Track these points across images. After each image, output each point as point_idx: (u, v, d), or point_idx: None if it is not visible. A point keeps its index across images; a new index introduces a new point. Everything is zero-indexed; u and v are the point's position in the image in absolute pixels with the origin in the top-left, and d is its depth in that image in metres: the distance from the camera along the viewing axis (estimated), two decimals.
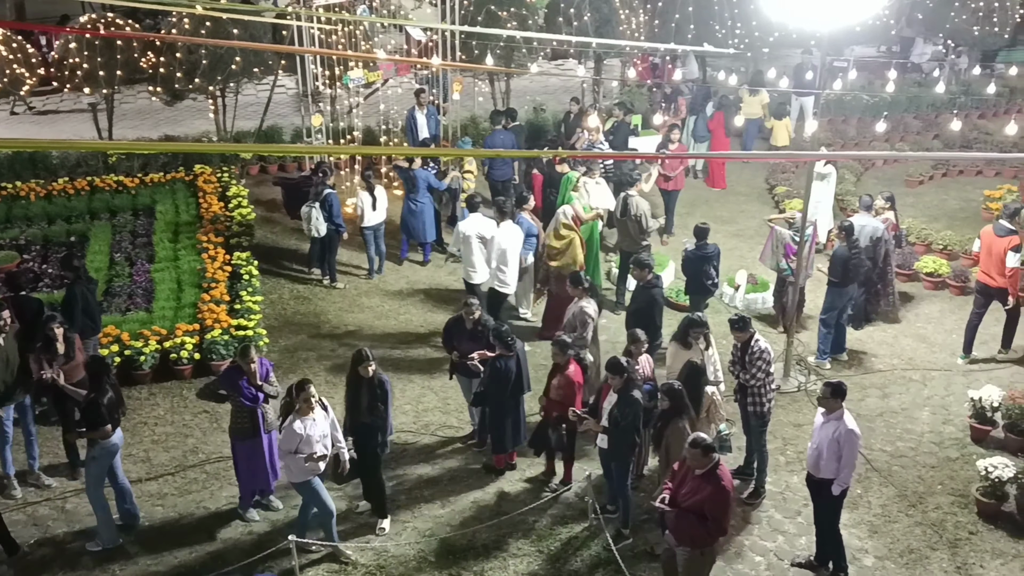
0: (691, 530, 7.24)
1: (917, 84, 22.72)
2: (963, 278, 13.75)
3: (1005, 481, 9.00)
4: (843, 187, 16.85)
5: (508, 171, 15.75)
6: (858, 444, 8.03)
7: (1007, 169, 18.64)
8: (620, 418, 8.37)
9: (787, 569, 8.47)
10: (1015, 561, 8.53)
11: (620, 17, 19.52)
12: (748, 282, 13.65)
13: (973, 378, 11.42)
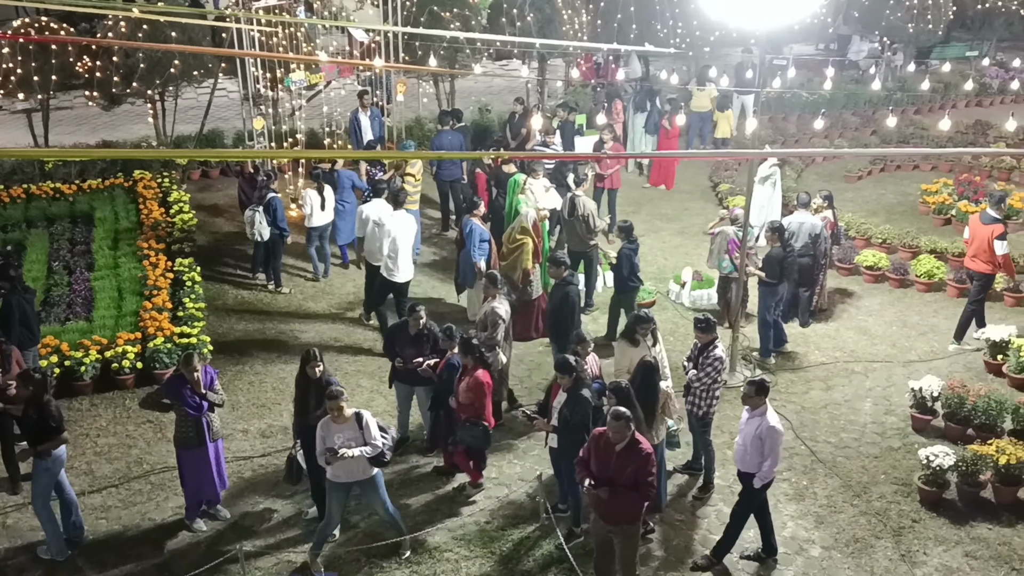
0: (628, 506, 7.43)
1: (854, 81, 23.17)
2: (902, 271, 14.04)
3: (946, 469, 9.18)
4: (784, 184, 17.07)
5: (456, 171, 15.72)
6: (780, 440, 8.15)
7: (943, 163, 19.07)
8: (570, 417, 8.39)
9: (736, 561, 8.56)
10: (957, 547, 8.72)
11: (563, 17, 19.62)
12: (693, 279, 13.78)
13: (913, 369, 11.66)
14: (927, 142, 19.43)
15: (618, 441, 7.36)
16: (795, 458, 10.07)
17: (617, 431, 7.33)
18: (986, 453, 9.23)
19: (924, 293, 13.85)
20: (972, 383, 10.64)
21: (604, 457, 7.45)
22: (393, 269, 12.06)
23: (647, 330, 9.44)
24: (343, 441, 7.99)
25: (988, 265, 11.97)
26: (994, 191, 14.08)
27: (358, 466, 8.15)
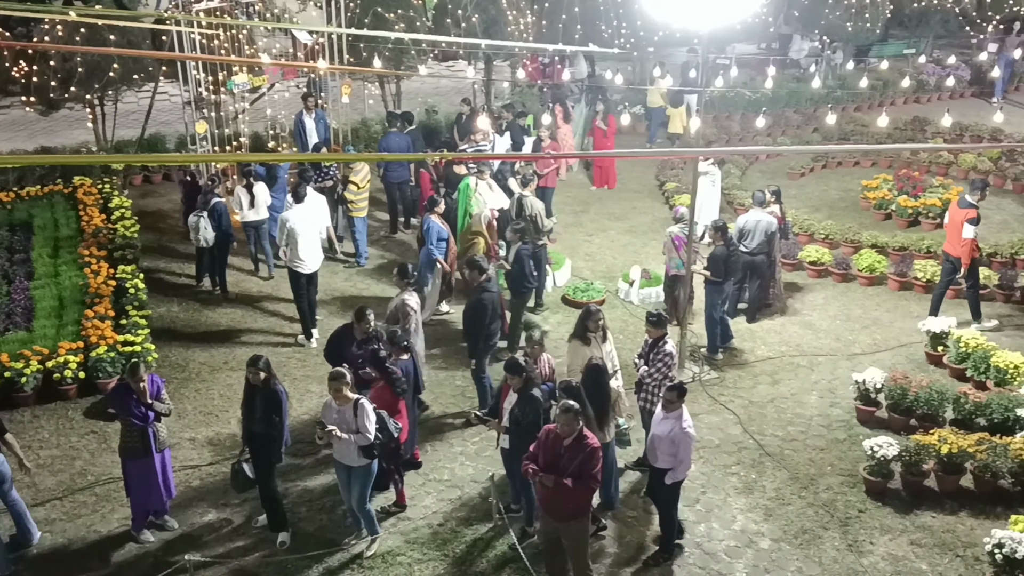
0: (575, 499, 7.48)
1: (796, 80, 23.51)
2: (844, 266, 14.29)
3: (890, 459, 9.37)
4: (729, 182, 17.32)
5: (405, 174, 15.64)
6: (692, 443, 8.24)
7: (882, 159, 19.42)
8: (521, 417, 8.40)
9: (688, 555, 8.65)
10: (902, 536, 8.90)
11: (508, 18, 19.64)
12: (642, 277, 13.89)
13: (857, 361, 11.88)
14: (867, 139, 19.80)
15: (567, 435, 7.43)
16: (744, 452, 10.20)
17: (566, 424, 7.40)
18: (929, 443, 9.43)
19: (866, 287, 14.11)
20: (914, 374, 10.89)
21: (552, 452, 7.50)
22: (301, 260, 12.05)
23: (596, 324, 9.51)
24: (337, 422, 8.11)
25: (960, 249, 12.33)
26: (975, 179, 14.38)
27: (349, 451, 8.22)
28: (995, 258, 14.36)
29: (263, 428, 8.39)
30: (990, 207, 16.89)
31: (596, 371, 8.68)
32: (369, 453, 8.29)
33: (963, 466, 9.43)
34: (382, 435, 8.36)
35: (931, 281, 13.69)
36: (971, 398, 10.22)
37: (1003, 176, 18.10)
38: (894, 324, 12.96)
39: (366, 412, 8.21)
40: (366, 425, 8.18)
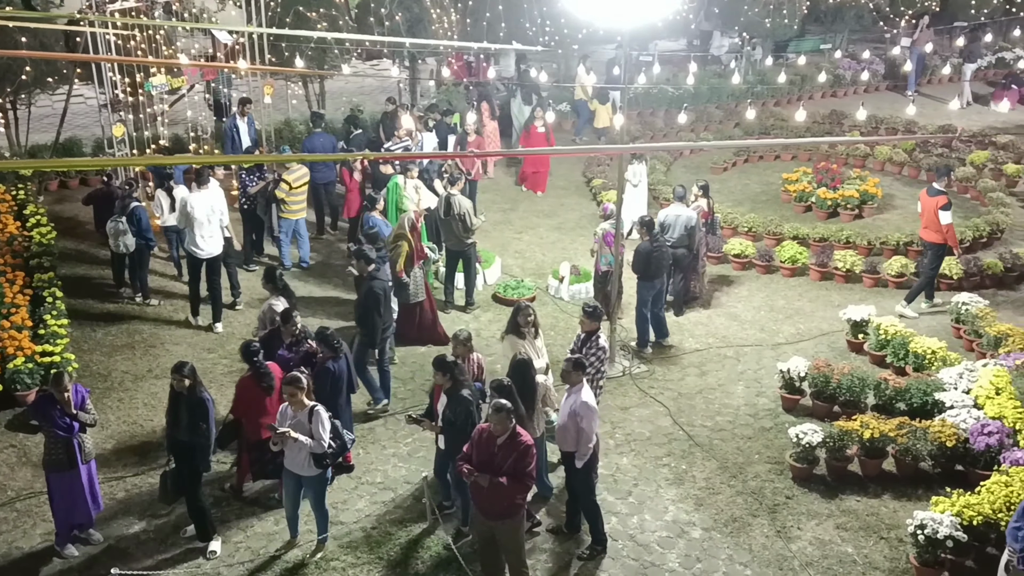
0: (510, 498, 7.51)
1: (717, 76, 23.89)
2: (767, 258, 14.58)
3: (815, 446, 9.59)
4: (654, 177, 17.52)
5: (330, 174, 15.47)
6: (593, 417, 8.28)
7: (802, 153, 19.88)
8: (453, 418, 8.39)
9: (622, 547, 8.73)
10: (829, 520, 9.12)
11: (432, 16, 19.57)
12: (572, 273, 13.98)
13: (781, 351, 12.13)
14: (787, 133, 20.20)
15: (500, 433, 7.45)
16: (674, 443, 10.34)
17: (499, 423, 7.42)
18: (851, 428, 9.67)
19: (789, 278, 14.42)
20: (836, 362, 11.15)
21: (486, 451, 7.52)
22: (197, 245, 12.15)
23: (528, 321, 9.57)
24: (292, 428, 8.02)
25: (938, 235, 12.79)
26: (940, 164, 14.73)
27: (302, 459, 8.14)
28: (911, 247, 14.78)
29: (189, 436, 8.23)
30: (906, 198, 17.46)
31: (522, 366, 8.72)
32: (321, 462, 8.20)
33: (885, 450, 9.70)
34: (335, 444, 8.26)
35: (850, 271, 14.06)
36: (891, 384, 10.51)
37: (917, 167, 18.66)
38: (816, 313, 13.27)
39: (321, 419, 8.12)
40: (320, 433, 8.08)
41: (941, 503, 8.49)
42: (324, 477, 8.41)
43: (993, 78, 25.17)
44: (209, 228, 12.22)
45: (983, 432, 9.38)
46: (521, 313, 9.66)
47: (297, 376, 8.21)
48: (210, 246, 12.28)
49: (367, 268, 10.76)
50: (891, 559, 8.56)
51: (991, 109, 22.36)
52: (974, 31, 24.93)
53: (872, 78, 24.80)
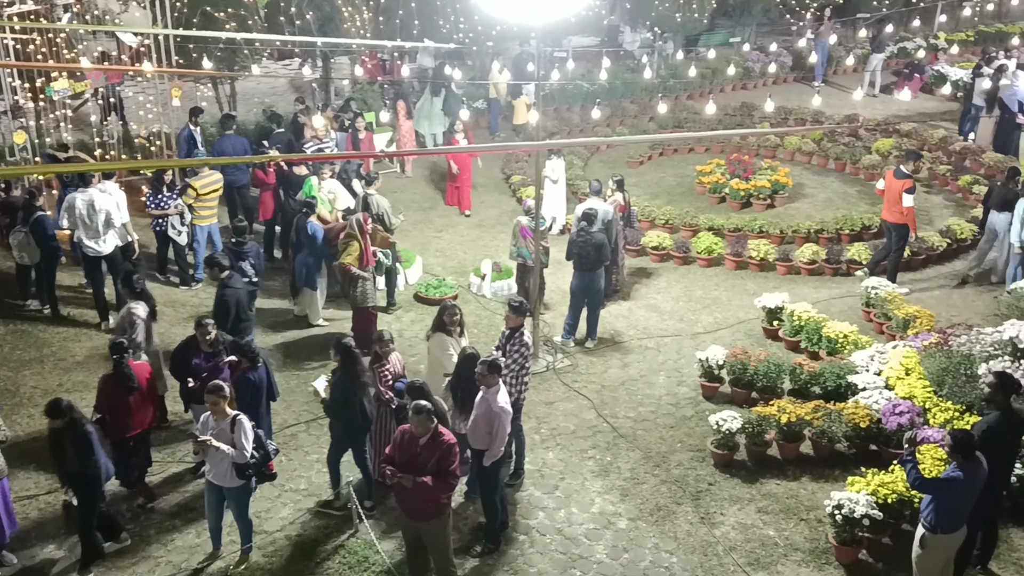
0: (434, 498, 7.49)
1: (630, 71, 24.12)
2: (684, 249, 14.81)
3: (735, 432, 9.78)
4: (572, 172, 17.63)
5: (243, 177, 15.12)
6: (506, 421, 8.30)
7: (715, 145, 20.21)
8: (331, 402, 8.80)
9: (549, 541, 8.77)
10: (750, 504, 9.30)
11: (344, 15, 19.35)
12: (493, 270, 13.99)
13: (700, 340, 12.33)
14: (699, 126, 20.53)
15: (422, 435, 7.43)
16: (599, 436, 10.43)
17: (420, 424, 7.40)
18: (769, 414, 9.88)
19: (705, 268, 14.67)
20: (753, 349, 11.38)
21: (409, 452, 7.48)
22: (85, 242, 12.20)
23: (453, 320, 9.57)
24: (214, 438, 7.88)
25: (900, 216, 13.24)
26: (907, 148, 15.15)
27: (224, 470, 8.01)
28: (822, 234, 15.18)
29: (78, 467, 8.00)
30: (815, 187, 17.93)
31: (472, 360, 8.74)
32: (243, 472, 8.05)
33: (802, 433, 9.93)
34: (259, 453, 8.12)
35: (764, 259, 14.37)
36: (806, 368, 10.77)
37: (825, 156, 19.16)
38: (732, 302, 13.53)
39: (244, 429, 7.98)
40: (243, 442, 7.94)
41: (857, 483, 8.74)
42: (247, 487, 8.26)
43: (896, 67, 25.97)
44: (93, 229, 12.14)
45: (895, 412, 9.68)
46: (447, 312, 9.67)
47: (220, 385, 8.06)
48: (101, 245, 12.25)
49: (219, 275, 10.69)
50: (811, 540, 8.78)
51: (894, 98, 23.08)
52: (880, 22, 25.67)
53: (780, 70, 25.34)
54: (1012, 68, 19.67)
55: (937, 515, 7.36)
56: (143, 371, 9.02)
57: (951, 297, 13.54)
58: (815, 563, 8.50)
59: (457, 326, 9.73)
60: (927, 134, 19.60)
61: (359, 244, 11.78)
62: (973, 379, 9.56)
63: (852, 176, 18.57)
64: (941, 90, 22.51)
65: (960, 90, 22.09)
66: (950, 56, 25.37)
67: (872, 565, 8.49)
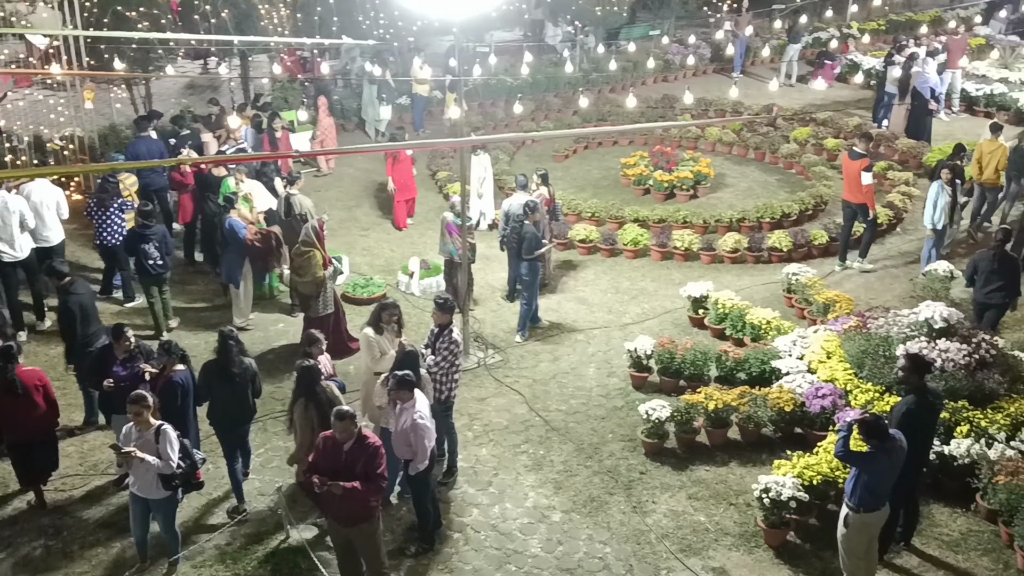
0: (363, 503, 7.43)
1: (553, 65, 24.20)
2: (611, 241, 14.93)
3: (664, 421, 9.89)
4: (499, 167, 17.64)
5: (160, 180, 14.78)
6: (427, 434, 8.16)
7: (638, 138, 20.41)
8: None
9: (484, 538, 8.77)
10: (681, 491, 9.43)
11: (260, 12, 19.03)
12: (421, 268, 13.91)
13: (628, 331, 12.45)
14: (622, 118, 20.68)
15: (345, 440, 7.35)
16: (531, 430, 10.45)
17: (344, 430, 7.32)
18: (697, 401, 10.02)
19: (632, 260, 14.82)
20: (680, 338, 11.54)
21: (333, 457, 7.40)
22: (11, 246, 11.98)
23: (391, 319, 9.49)
24: (137, 447, 7.69)
25: (859, 196, 13.65)
26: (863, 128, 15.61)
27: (150, 481, 7.82)
28: (743, 223, 15.45)
29: None
30: (736, 177, 18.24)
31: (412, 357, 8.67)
32: (169, 483, 7.87)
33: (729, 419, 10.10)
34: (185, 463, 7.94)
35: (689, 249, 14.58)
36: (731, 355, 10.96)
37: (745, 146, 19.51)
38: (659, 292, 13.69)
39: (169, 439, 7.79)
40: (168, 453, 7.75)
41: (783, 466, 8.92)
42: (173, 498, 8.09)
43: (811, 57, 26.53)
44: (8, 232, 11.87)
45: (817, 395, 9.91)
46: (387, 311, 9.53)
47: (142, 394, 7.86)
48: (11, 249, 11.96)
49: (60, 282, 10.46)
50: (740, 524, 8.93)
51: (810, 87, 23.58)
52: (795, 13, 26.20)
53: (699, 62, 25.69)
54: (922, 56, 20.30)
55: (860, 494, 7.56)
56: (32, 377, 8.85)
57: (869, 281, 13.91)
58: (745, 547, 8.66)
59: (394, 324, 9.63)
60: (842, 122, 20.08)
61: (319, 251, 11.62)
62: (891, 360, 9.82)
63: (771, 165, 18.94)
64: (854, 79, 23.05)
65: (873, 78, 22.67)
66: (862, 45, 26.05)
67: (800, 546, 8.68)
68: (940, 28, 27.94)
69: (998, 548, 8.60)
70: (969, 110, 22.09)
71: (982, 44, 25.89)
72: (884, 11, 30.70)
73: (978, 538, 8.73)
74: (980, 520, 8.93)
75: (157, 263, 11.90)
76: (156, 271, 11.98)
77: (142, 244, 11.75)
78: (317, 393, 8.41)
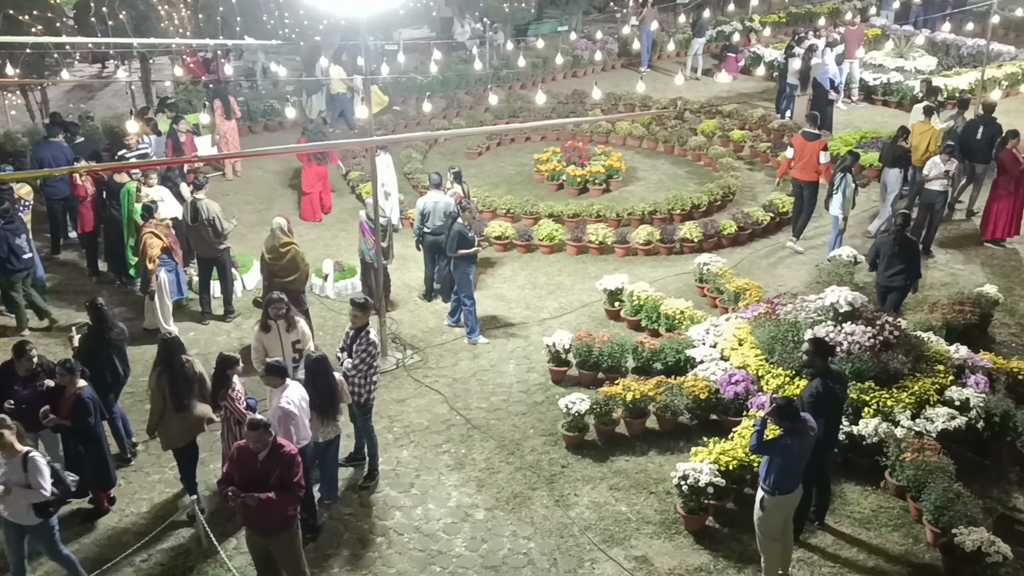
0: (281, 512, 7.33)
1: (463, 62, 24.17)
2: (527, 237, 14.98)
3: (583, 413, 9.98)
4: (411, 166, 17.54)
5: (65, 188, 14.27)
6: (291, 419, 8.23)
7: (551, 133, 20.50)
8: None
9: (408, 540, 8.72)
10: (602, 483, 9.52)
11: (160, 14, 18.54)
12: (335, 270, 13.75)
13: (547, 326, 12.51)
14: (533, 114, 20.75)
15: (259, 450, 7.24)
16: (452, 429, 10.43)
17: (257, 440, 7.21)
18: (615, 393, 10.14)
19: (548, 255, 14.89)
20: (597, 331, 11.63)
21: (248, 467, 7.28)
22: None
23: (280, 314, 9.36)
24: (3, 476, 7.34)
25: (815, 175, 14.42)
26: (809, 113, 16.31)
27: (22, 509, 7.52)
28: (655, 215, 15.67)
29: None
30: (647, 170, 18.49)
31: (317, 363, 8.55)
32: (44, 511, 7.58)
33: (647, 409, 10.25)
34: (59, 489, 7.65)
35: (603, 243, 14.72)
36: (647, 346, 11.11)
37: (655, 139, 19.78)
38: (575, 286, 13.79)
39: (38, 466, 7.47)
40: (39, 481, 7.44)
41: (700, 453, 9.09)
42: (49, 525, 7.76)
43: (715, 51, 27.06)
44: None
45: (731, 382, 10.12)
46: (273, 305, 9.45)
47: (2, 418, 7.51)
48: None
49: None
50: (661, 512, 9.07)
51: (716, 80, 24.05)
52: (699, 7, 26.67)
53: (607, 57, 25.96)
54: (821, 47, 20.87)
55: (774, 477, 7.74)
56: None
57: (777, 268, 14.26)
58: (666, 534, 8.79)
59: (282, 320, 9.50)
60: (747, 114, 20.52)
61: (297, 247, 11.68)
62: (800, 345, 10.08)
63: (681, 158, 19.25)
64: (757, 71, 23.60)
65: (775, 70, 23.24)
66: (764, 38, 26.67)
67: (719, 530, 8.85)
68: (838, 19, 28.80)
69: (908, 523, 8.91)
70: (868, 99, 22.83)
71: (878, 34, 26.78)
72: (784, 4, 31.50)
73: (888, 514, 9.03)
74: (890, 496, 9.23)
75: (27, 256, 11.85)
76: (26, 266, 11.88)
77: (15, 240, 11.73)
78: (173, 365, 8.60)
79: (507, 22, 25.90)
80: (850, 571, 8.37)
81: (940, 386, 10.00)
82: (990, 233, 14.77)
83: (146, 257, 11.87)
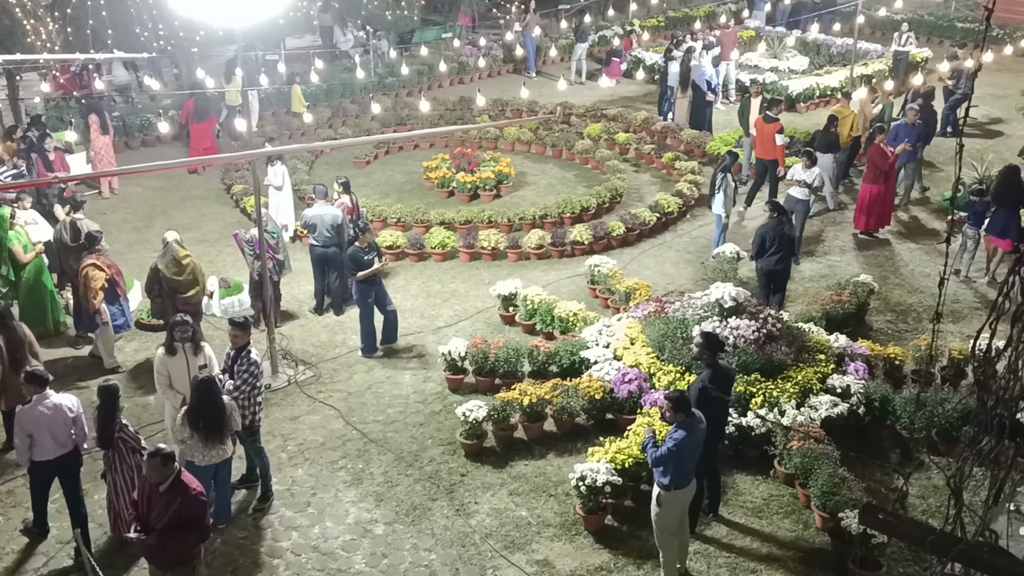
0: (178, 547, 7.10)
1: (347, 70, 23.91)
2: (419, 245, 14.90)
3: (481, 420, 9.96)
4: (297, 177, 17.24)
5: None
6: (74, 423, 8.34)
7: (439, 140, 20.44)
8: None
9: (305, 560, 8.54)
10: (502, 489, 9.52)
11: (26, 28, 17.73)
12: (221, 287, 13.39)
13: (443, 334, 12.45)
14: (420, 122, 20.69)
15: (158, 481, 6.95)
16: (348, 444, 10.27)
17: (152, 469, 6.93)
18: (512, 398, 10.16)
19: (441, 262, 14.84)
20: (492, 337, 11.64)
21: (150, 500, 7.01)
22: None
23: (185, 336, 9.08)
24: None
25: (773, 154, 15.79)
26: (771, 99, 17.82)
27: None
28: (546, 219, 15.79)
29: None
30: (537, 174, 18.62)
31: (204, 385, 8.28)
32: None
33: (544, 412, 10.30)
34: None
35: (496, 248, 14.75)
36: (542, 350, 11.17)
37: (543, 144, 19.94)
38: (470, 293, 13.78)
39: None
40: None
41: (596, 453, 9.19)
42: None
43: (599, 55, 27.45)
44: None
45: (624, 381, 10.27)
46: (178, 328, 9.13)
47: None
48: None
49: None
50: (561, 514, 9.13)
51: (599, 84, 24.40)
52: (580, 12, 27.00)
53: (492, 63, 26.06)
54: (698, 50, 21.42)
55: (668, 473, 7.88)
56: None
57: (664, 267, 14.55)
58: (566, 535, 8.85)
59: (188, 343, 9.22)
60: (631, 116, 20.90)
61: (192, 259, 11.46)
62: (689, 341, 10.31)
63: (569, 162, 19.46)
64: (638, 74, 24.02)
65: (656, 73, 23.73)
66: (645, 41, 27.21)
67: (618, 528, 8.96)
68: (713, 23, 29.62)
69: (797, 510, 9.19)
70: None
71: (752, 36, 27.65)
72: (662, 8, 32.21)
73: (779, 502, 9.31)
74: (779, 485, 9.52)
75: None
76: None
77: None
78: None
79: (390, 29, 25.75)
80: (745, 559, 8.59)
81: (822, 375, 10.37)
82: (863, 225, 15.42)
83: (88, 291, 11.26)
